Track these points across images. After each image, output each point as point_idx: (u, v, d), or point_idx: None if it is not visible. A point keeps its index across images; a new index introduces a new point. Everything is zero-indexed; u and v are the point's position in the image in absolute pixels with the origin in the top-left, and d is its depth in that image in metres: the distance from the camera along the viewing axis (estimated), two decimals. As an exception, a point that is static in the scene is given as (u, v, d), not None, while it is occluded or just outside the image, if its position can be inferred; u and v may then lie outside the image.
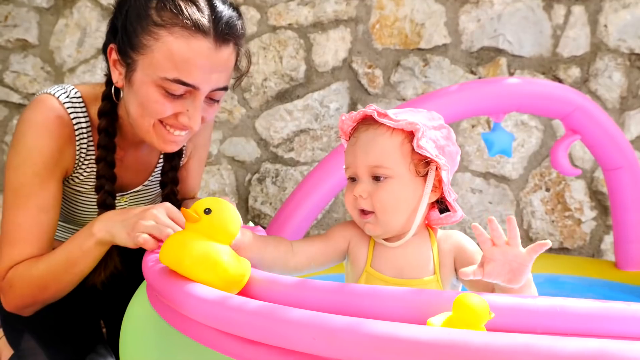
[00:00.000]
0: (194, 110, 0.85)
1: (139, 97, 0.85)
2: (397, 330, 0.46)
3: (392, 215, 0.75)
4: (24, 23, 1.98)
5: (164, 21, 0.81)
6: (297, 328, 0.47)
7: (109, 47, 0.88)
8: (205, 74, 0.83)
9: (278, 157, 2.01)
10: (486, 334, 0.44)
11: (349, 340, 0.45)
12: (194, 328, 0.60)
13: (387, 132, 0.75)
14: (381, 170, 0.74)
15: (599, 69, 1.94)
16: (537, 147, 1.98)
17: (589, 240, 1.99)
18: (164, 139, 0.89)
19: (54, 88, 0.92)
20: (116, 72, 0.88)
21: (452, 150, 0.77)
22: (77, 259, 0.85)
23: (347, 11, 1.96)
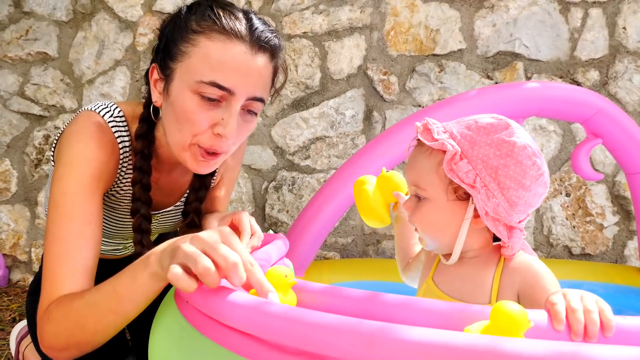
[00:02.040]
0: (230, 117, 0.83)
1: (176, 106, 0.84)
2: (435, 336, 0.45)
3: (430, 234, 0.72)
4: (44, 36, 2.02)
5: (202, 28, 0.83)
6: (335, 333, 0.46)
7: (151, 67, 0.89)
8: (241, 77, 0.82)
9: (294, 165, 2.01)
10: (530, 341, 0.43)
11: (388, 347, 0.44)
12: (226, 336, 0.59)
13: (428, 150, 0.70)
14: (419, 191, 0.72)
15: (618, 71, 1.91)
16: (557, 151, 1.96)
17: (612, 246, 1.96)
18: (197, 160, 0.87)
19: (96, 105, 0.92)
20: (156, 91, 0.88)
21: (514, 171, 0.65)
22: (125, 293, 0.69)
23: (361, 18, 1.97)
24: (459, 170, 0.66)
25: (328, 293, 0.58)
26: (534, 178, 0.67)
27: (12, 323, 1.69)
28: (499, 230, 0.67)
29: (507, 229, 0.68)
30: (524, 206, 0.68)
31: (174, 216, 1.10)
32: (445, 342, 0.44)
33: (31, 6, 2.02)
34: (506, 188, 0.65)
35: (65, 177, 0.82)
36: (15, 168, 2.06)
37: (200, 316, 0.62)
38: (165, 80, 0.86)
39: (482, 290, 0.70)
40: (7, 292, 1.97)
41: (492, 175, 0.65)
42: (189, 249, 0.60)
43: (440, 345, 0.44)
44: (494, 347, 0.43)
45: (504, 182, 0.65)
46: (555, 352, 0.42)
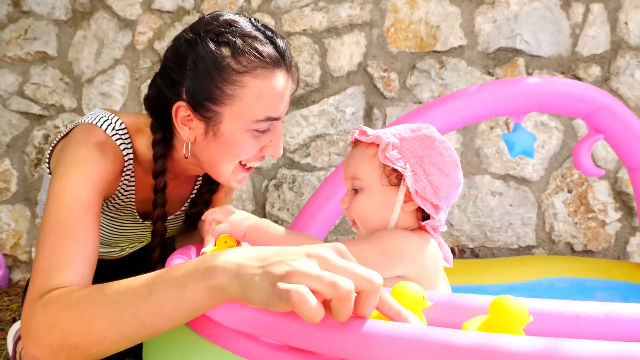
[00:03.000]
0: (278, 140, 0.88)
1: (229, 145, 0.85)
2: (431, 334, 0.44)
3: (367, 223, 0.80)
4: (44, 36, 2.01)
5: (245, 67, 0.81)
6: (328, 332, 0.46)
7: (176, 105, 0.83)
8: (285, 104, 0.87)
9: (295, 163, 2.01)
10: (530, 339, 0.42)
11: (383, 345, 0.44)
12: (219, 333, 0.59)
13: (364, 146, 0.81)
14: (356, 182, 0.81)
15: (620, 67, 1.90)
16: (558, 148, 1.94)
17: (614, 243, 1.94)
18: (237, 179, 0.91)
19: (95, 117, 0.88)
20: (186, 128, 0.85)
21: (435, 159, 0.78)
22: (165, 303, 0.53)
23: (361, 15, 1.96)
24: (392, 157, 0.77)
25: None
26: (452, 167, 0.79)
27: (12, 323, 1.69)
28: (428, 208, 0.78)
29: (434, 207, 0.78)
30: (445, 193, 0.78)
31: (174, 224, 1.10)
32: (442, 340, 0.44)
33: (30, 5, 2.01)
34: (430, 174, 0.77)
35: (68, 172, 0.78)
36: (15, 168, 2.06)
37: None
38: (206, 121, 0.84)
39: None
40: (7, 292, 1.96)
41: (419, 162, 0.77)
42: (310, 268, 0.46)
43: (437, 342, 0.43)
44: (491, 344, 0.42)
45: (429, 169, 0.77)
46: (556, 349, 0.41)
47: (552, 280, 1.70)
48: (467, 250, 2.00)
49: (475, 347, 0.43)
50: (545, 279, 1.70)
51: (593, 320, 0.50)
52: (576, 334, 0.49)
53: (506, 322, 0.46)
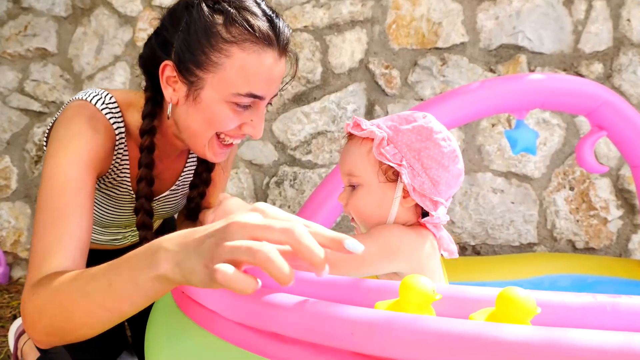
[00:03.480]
0: (259, 120, 0.87)
1: (207, 113, 0.84)
2: (439, 323, 0.44)
3: (366, 219, 0.79)
4: (43, 32, 2.01)
5: (234, 37, 0.81)
6: (335, 323, 0.45)
7: (163, 63, 0.84)
8: (270, 84, 0.85)
9: (296, 160, 2.00)
10: (536, 328, 0.41)
11: (390, 336, 0.43)
12: (223, 327, 0.58)
13: (358, 141, 0.78)
14: (353, 178, 0.78)
15: (622, 64, 1.89)
16: (560, 145, 1.94)
17: (616, 240, 1.94)
18: (215, 152, 0.89)
19: (86, 93, 0.89)
20: (170, 89, 0.86)
21: (433, 152, 0.75)
22: (123, 292, 0.57)
23: (362, 12, 1.95)
24: (387, 153, 0.74)
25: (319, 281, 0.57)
26: (451, 159, 0.76)
27: (12, 320, 1.68)
28: (426, 205, 0.75)
29: (433, 203, 0.75)
30: (445, 186, 0.76)
31: (171, 201, 1.09)
32: (449, 330, 0.43)
33: (30, 2, 2.00)
34: (428, 167, 0.75)
35: (60, 152, 0.79)
36: (15, 165, 2.05)
37: (196, 307, 0.61)
38: (189, 85, 0.84)
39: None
40: (7, 290, 1.96)
41: (416, 157, 0.74)
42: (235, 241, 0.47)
43: (444, 332, 0.43)
44: (499, 334, 0.41)
45: (427, 163, 0.75)
46: (562, 339, 0.41)
47: (554, 278, 1.70)
48: (469, 247, 1.99)
49: (483, 336, 0.42)
50: (546, 277, 1.70)
51: (600, 312, 0.49)
52: (583, 325, 0.48)
53: (514, 314, 0.45)
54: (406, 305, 0.47)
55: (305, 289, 0.55)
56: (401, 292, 0.48)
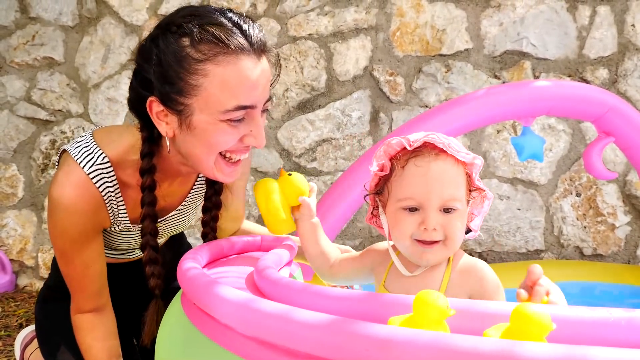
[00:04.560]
0: (258, 129, 0.85)
1: (205, 137, 0.84)
2: (453, 341, 0.43)
3: (457, 243, 0.75)
4: (51, 41, 2.02)
5: (205, 55, 0.80)
6: (349, 339, 0.45)
7: (149, 100, 0.84)
8: (257, 90, 0.83)
9: (301, 167, 2.00)
10: (553, 346, 0.41)
11: (404, 353, 0.43)
12: (229, 337, 0.58)
13: (455, 164, 0.74)
14: (454, 202, 0.73)
15: (627, 69, 1.89)
16: (566, 151, 1.93)
17: (624, 246, 1.93)
18: (224, 172, 0.89)
19: (80, 152, 0.90)
20: (163, 123, 0.85)
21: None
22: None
23: (367, 19, 1.95)
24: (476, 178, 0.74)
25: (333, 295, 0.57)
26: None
27: (19, 329, 1.68)
28: (477, 225, 0.78)
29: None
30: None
31: (177, 220, 1.09)
32: (464, 346, 0.43)
33: (37, 12, 2.02)
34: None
35: (59, 238, 0.91)
36: (22, 173, 2.06)
37: (206, 319, 0.61)
38: (178, 114, 0.84)
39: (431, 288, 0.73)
40: (14, 297, 1.96)
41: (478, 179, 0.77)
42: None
43: (459, 349, 0.43)
44: (514, 351, 0.41)
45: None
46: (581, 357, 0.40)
47: (562, 285, 1.67)
48: (475, 254, 1.99)
49: (498, 353, 0.42)
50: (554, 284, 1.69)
51: (615, 327, 0.49)
52: (598, 341, 0.48)
53: (528, 330, 0.45)
54: (420, 320, 0.47)
55: (319, 304, 0.55)
56: (415, 308, 0.48)
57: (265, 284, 0.67)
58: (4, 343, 1.61)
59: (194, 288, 0.64)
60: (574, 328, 0.48)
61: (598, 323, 0.48)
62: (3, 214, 2.07)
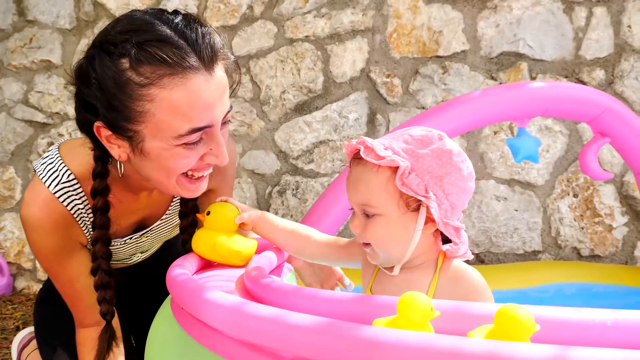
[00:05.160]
0: (218, 147, 0.79)
1: (161, 162, 0.78)
2: (437, 341, 0.43)
3: (385, 248, 0.73)
4: (48, 44, 2.03)
5: (148, 79, 0.72)
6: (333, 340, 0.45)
7: (95, 125, 0.78)
8: (213, 109, 0.76)
9: (298, 169, 2.00)
10: (536, 346, 0.41)
11: (388, 353, 0.43)
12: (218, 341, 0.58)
13: (374, 168, 0.71)
14: (369, 208, 0.72)
15: (624, 70, 1.89)
16: (563, 152, 1.93)
17: (621, 247, 1.92)
18: (188, 189, 0.84)
19: (44, 170, 0.88)
20: (114, 147, 0.80)
21: (455, 177, 0.71)
22: None
23: (363, 21, 1.96)
24: (411, 184, 0.68)
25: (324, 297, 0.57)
26: (469, 180, 0.73)
27: (16, 331, 1.68)
28: (451, 233, 0.71)
29: (455, 230, 0.71)
30: (461, 207, 0.73)
31: (166, 226, 1.08)
32: (448, 347, 0.43)
33: (35, 15, 2.03)
34: (450, 193, 0.70)
35: (38, 257, 0.93)
36: (19, 176, 2.07)
37: (195, 323, 0.61)
38: (128, 140, 0.78)
39: None
40: (11, 300, 1.96)
41: (438, 183, 0.70)
42: None
43: (443, 350, 0.43)
44: (498, 352, 0.41)
45: (448, 188, 0.70)
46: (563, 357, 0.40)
47: (559, 286, 1.68)
48: (473, 255, 1.98)
49: (482, 354, 0.42)
50: (552, 285, 1.69)
51: (601, 328, 0.49)
52: (584, 341, 0.48)
53: (512, 331, 0.45)
54: (404, 322, 0.47)
55: (304, 305, 0.55)
56: (399, 309, 0.48)
57: (255, 287, 0.67)
58: (0, 346, 1.61)
59: (182, 292, 0.64)
60: (559, 329, 0.48)
61: (583, 324, 0.48)
62: (0, 217, 2.07)
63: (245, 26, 1.97)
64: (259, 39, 1.97)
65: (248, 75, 1.99)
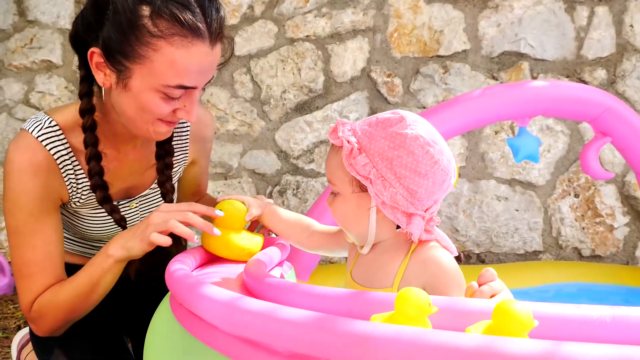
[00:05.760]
0: (192, 106, 0.86)
1: (138, 101, 0.84)
2: (433, 336, 0.43)
3: (346, 226, 0.78)
4: (49, 44, 2.03)
5: (161, 32, 0.79)
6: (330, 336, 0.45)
7: (90, 50, 0.83)
8: (203, 75, 0.85)
9: (298, 169, 2.00)
10: (533, 341, 0.41)
11: (385, 349, 0.43)
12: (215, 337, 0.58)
13: (335, 148, 0.75)
14: (332, 186, 0.77)
15: (626, 70, 1.88)
16: (564, 152, 1.92)
17: (623, 247, 1.92)
18: (156, 132, 0.89)
19: (29, 122, 0.91)
20: (101, 74, 0.85)
21: (408, 161, 0.70)
22: (99, 279, 0.89)
23: (364, 21, 1.96)
24: (357, 164, 0.70)
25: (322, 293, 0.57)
26: (429, 165, 0.70)
27: (17, 331, 1.69)
28: (397, 218, 0.71)
29: (407, 216, 0.71)
30: (425, 194, 0.71)
31: (153, 201, 1.08)
32: (444, 342, 0.43)
33: (35, 15, 2.03)
34: (403, 177, 0.70)
35: (14, 210, 0.89)
36: (20, 175, 2.07)
37: (193, 320, 0.61)
38: (117, 73, 0.83)
39: (386, 277, 0.74)
40: (12, 300, 1.97)
41: (388, 166, 0.70)
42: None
43: (439, 345, 0.42)
44: (495, 347, 0.41)
45: (400, 172, 0.70)
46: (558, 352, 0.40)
47: (560, 286, 1.68)
48: (473, 255, 1.98)
49: (479, 349, 0.42)
50: (552, 285, 1.68)
51: (599, 324, 0.48)
52: (582, 338, 0.48)
53: (510, 327, 0.44)
54: (402, 318, 0.47)
55: (300, 301, 0.55)
56: (397, 305, 0.47)
57: (253, 283, 0.67)
58: (1, 345, 1.61)
59: (179, 287, 0.64)
60: (557, 325, 0.48)
61: (582, 320, 0.48)
62: (2, 217, 2.07)
63: (245, 26, 1.97)
64: (259, 39, 1.97)
65: (249, 75, 1.99)
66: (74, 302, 0.90)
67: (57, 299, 0.90)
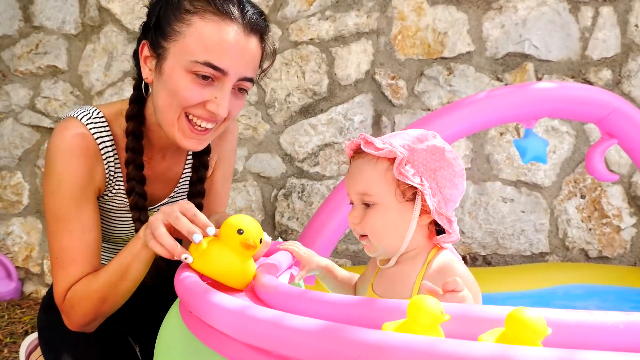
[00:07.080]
0: (222, 97, 0.86)
1: (168, 84, 0.86)
2: (446, 345, 0.43)
3: (382, 238, 0.78)
4: (54, 50, 2.04)
5: (196, 8, 0.84)
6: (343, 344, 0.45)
7: (141, 44, 0.90)
8: (234, 58, 0.85)
9: (303, 172, 2.00)
10: (547, 350, 0.41)
11: (398, 357, 0.43)
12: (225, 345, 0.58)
13: (373, 160, 0.77)
14: (367, 197, 0.77)
15: (631, 70, 1.87)
16: (570, 153, 1.92)
17: (630, 248, 1.91)
18: (185, 134, 0.90)
19: (77, 111, 0.94)
20: (146, 68, 0.90)
21: (447, 172, 0.76)
22: (129, 264, 0.86)
23: (368, 23, 1.96)
24: (407, 173, 0.74)
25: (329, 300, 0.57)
26: (460, 177, 0.78)
27: (24, 336, 1.69)
28: (444, 223, 0.76)
29: (449, 221, 0.77)
30: (453, 203, 0.78)
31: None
32: (458, 351, 0.42)
33: (41, 20, 2.04)
34: (443, 187, 0.76)
35: (56, 194, 0.88)
36: (26, 181, 2.08)
37: (203, 327, 0.61)
38: (157, 58, 0.88)
39: (405, 288, 0.76)
40: (19, 305, 1.97)
41: (432, 176, 0.75)
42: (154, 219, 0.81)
43: (453, 354, 0.42)
44: (508, 356, 0.41)
45: (441, 182, 0.76)
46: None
47: (567, 288, 1.67)
48: (479, 257, 1.97)
49: (492, 358, 0.42)
50: (560, 287, 1.67)
51: (613, 331, 0.48)
52: (596, 345, 0.47)
53: (524, 335, 0.44)
54: (414, 326, 0.47)
55: (312, 309, 0.55)
56: (409, 313, 0.47)
57: (263, 291, 0.67)
58: (9, 350, 1.62)
59: (189, 295, 0.64)
60: (571, 332, 0.47)
61: (596, 327, 0.48)
62: (8, 222, 2.08)
63: (249, 30, 1.98)
64: (263, 43, 1.98)
65: (253, 79, 2.00)
66: (105, 291, 0.87)
67: (90, 288, 0.88)
